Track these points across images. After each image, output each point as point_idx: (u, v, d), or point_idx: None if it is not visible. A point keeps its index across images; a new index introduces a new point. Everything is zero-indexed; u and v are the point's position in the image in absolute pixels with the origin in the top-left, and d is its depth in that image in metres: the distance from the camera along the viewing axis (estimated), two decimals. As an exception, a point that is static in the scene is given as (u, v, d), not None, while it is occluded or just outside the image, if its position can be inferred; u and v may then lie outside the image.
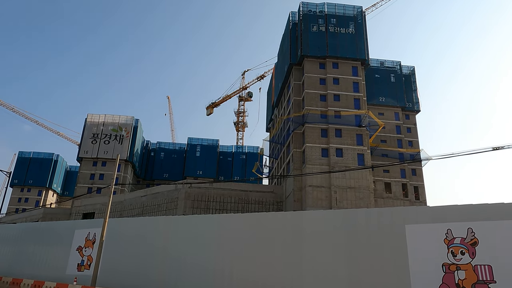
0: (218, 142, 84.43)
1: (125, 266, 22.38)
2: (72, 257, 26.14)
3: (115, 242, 22.95)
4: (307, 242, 17.73)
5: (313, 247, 17.55)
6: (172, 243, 21.60)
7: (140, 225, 23.85)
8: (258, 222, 19.79)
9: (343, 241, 17.02)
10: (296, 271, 17.42)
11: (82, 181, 69.79)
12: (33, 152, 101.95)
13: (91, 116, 74.10)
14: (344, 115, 45.04)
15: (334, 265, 16.87)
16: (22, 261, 29.13)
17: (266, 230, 19.03)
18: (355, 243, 16.70)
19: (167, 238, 21.99)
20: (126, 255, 22.65)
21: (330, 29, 49.31)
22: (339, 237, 17.19)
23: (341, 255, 16.89)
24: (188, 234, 21.22)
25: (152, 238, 22.43)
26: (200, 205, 48.98)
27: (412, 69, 65.97)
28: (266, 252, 18.48)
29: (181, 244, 21.17)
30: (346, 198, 41.63)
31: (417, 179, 58.59)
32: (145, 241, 22.48)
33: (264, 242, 18.70)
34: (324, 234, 17.55)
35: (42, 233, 29.37)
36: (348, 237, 16.99)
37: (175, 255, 21.15)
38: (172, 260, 21.11)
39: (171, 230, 22.30)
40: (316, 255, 17.34)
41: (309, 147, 43.90)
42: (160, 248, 21.89)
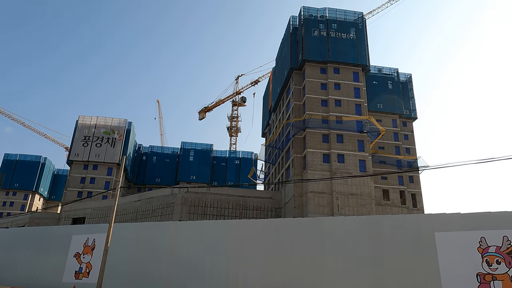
0: (212, 147, 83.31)
1: (129, 273, 21.17)
2: (69, 264, 24.73)
3: (118, 248, 21.70)
4: (328, 249, 16.88)
5: (334, 254, 16.71)
6: (180, 249, 20.52)
7: (146, 230, 22.67)
8: (274, 228, 18.88)
9: (367, 248, 16.22)
10: (317, 280, 16.55)
11: (72, 185, 67.67)
12: (20, 154, 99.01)
13: (82, 118, 72.19)
14: (346, 120, 44.57)
15: (357, 273, 16.06)
16: (14, 268, 27.56)
17: (283, 236, 18.14)
18: (380, 251, 15.92)
19: (175, 244, 20.89)
20: (131, 262, 21.45)
21: (331, 34, 49.02)
22: (362, 244, 16.39)
23: (365, 263, 16.08)
24: (198, 240, 20.19)
25: (159, 244, 21.30)
26: (197, 210, 47.72)
27: (409, 76, 66.22)
28: (284, 259, 17.57)
29: (190, 251, 20.12)
30: (348, 205, 40.98)
31: (415, 186, 58.39)
32: (151, 247, 21.33)
33: (281, 249, 17.80)
34: (347, 240, 16.74)
35: (36, 238, 27.84)
36: (373, 244, 16.20)
37: (183, 262, 20.07)
38: (180, 267, 20.03)
39: (179, 235, 21.21)
40: (338, 262, 16.51)
41: (310, 152, 43.23)
42: (167, 255, 20.77)
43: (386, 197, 55.29)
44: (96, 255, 24.02)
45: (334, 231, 17.29)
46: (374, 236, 16.32)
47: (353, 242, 16.59)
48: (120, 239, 21.97)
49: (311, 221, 18.91)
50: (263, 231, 19.01)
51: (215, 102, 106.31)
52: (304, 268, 17.05)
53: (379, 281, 15.54)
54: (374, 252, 16.03)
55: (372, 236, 16.35)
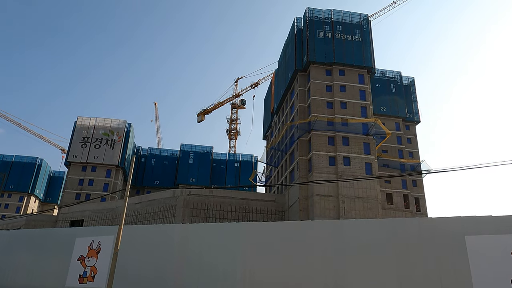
0: (212, 150, 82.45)
1: (138, 277, 20.32)
2: (73, 268, 23.78)
3: (126, 251, 20.84)
4: (351, 253, 16.17)
5: (358, 258, 16.01)
6: (191, 252, 19.71)
7: (155, 232, 21.83)
8: (291, 231, 18.16)
9: (392, 252, 15.55)
10: (339, 284, 15.83)
11: (70, 186, 66.43)
12: (15, 155, 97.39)
13: (81, 119, 71.08)
14: (351, 123, 44.03)
15: (382, 277, 15.37)
16: (13, 271, 26.54)
17: (301, 239, 17.43)
18: (406, 254, 15.25)
19: (186, 247, 20.08)
20: (139, 266, 20.60)
21: (336, 35, 48.61)
22: (387, 248, 15.71)
23: (390, 267, 15.40)
24: (210, 243, 19.40)
25: (169, 247, 20.47)
26: (199, 213, 46.82)
27: (412, 79, 66.02)
28: (302, 264, 16.85)
29: (202, 254, 19.32)
30: (354, 208, 40.34)
31: (418, 190, 57.99)
32: (161, 250, 20.50)
33: (299, 253, 17.08)
34: (370, 244, 16.04)
35: (37, 240, 26.85)
36: (398, 248, 15.52)
37: (195, 265, 19.26)
38: (192, 271, 19.22)
39: (190, 238, 20.40)
40: (361, 266, 15.81)
41: (316, 155, 42.59)
42: (177, 258, 19.96)
43: (390, 201, 54.76)
44: (102, 259, 23.13)
45: (356, 233, 16.59)
46: (399, 239, 15.65)
47: (376, 246, 15.91)
48: (128, 241, 21.13)
49: (331, 223, 18.27)
50: (280, 234, 18.31)
51: (214, 105, 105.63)
52: (324, 272, 16.34)
53: (406, 286, 14.86)
54: (400, 255, 15.36)
55: (397, 239, 15.68)
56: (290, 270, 17.01)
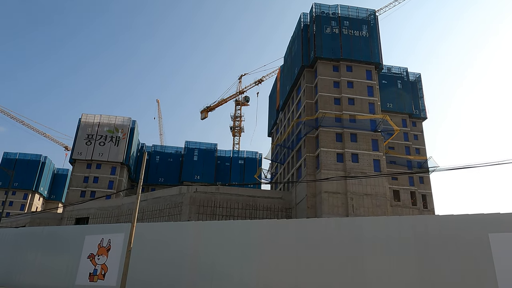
0: (216, 147, 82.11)
1: (149, 275, 20.08)
2: (83, 266, 23.56)
3: (138, 249, 20.58)
4: (369, 251, 15.86)
5: (376, 256, 15.69)
6: (204, 251, 19.44)
7: (167, 230, 21.57)
8: (307, 229, 17.85)
9: (412, 251, 15.22)
10: (358, 284, 15.53)
11: (75, 184, 66.27)
12: (19, 153, 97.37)
13: (85, 116, 70.82)
14: (359, 119, 43.64)
15: (402, 278, 15.06)
16: (22, 269, 26.38)
17: (318, 238, 17.12)
18: (427, 254, 14.93)
19: (199, 245, 19.80)
20: (151, 264, 20.36)
21: (343, 31, 48.13)
22: (407, 246, 15.39)
23: (411, 267, 15.08)
24: (224, 241, 19.13)
25: (181, 245, 20.21)
26: (206, 210, 46.60)
27: (418, 76, 65.48)
28: (319, 262, 16.55)
29: (215, 252, 19.05)
30: (363, 205, 40.02)
31: (425, 187, 57.58)
32: (173, 248, 20.25)
33: (316, 252, 16.78)
34: (389, 243, 15.73)
35: (46, 238, 26.67)
36: (418, 246, 15.19)
37: (207, 264, 19.00)
38: (204, 269, 18.97)
39: (203, 236, 20.11)
40: (380, 265, 15.50)
41: (324, 151, 42.24)
42: (190, 256, 19.70)
43: (397, 198, 54.40)
44: (112, 257, 22.90)
45: (374, 231, 16.27)
46: (419, 237, 15.33)
47: (397, 244, 15.59)
48: (140, 239, 20.87)
49: (349, 221, 17.89)
50: (295, 232, 18.02)
51: (218, 102, 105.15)
52: (342, 271, 16.04)
53: (427, 284, 14.55)
54: (421, 254, 15.05)
55: (417, 237, 15.36)
56: (307, 270, 16.71)
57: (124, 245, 22.23)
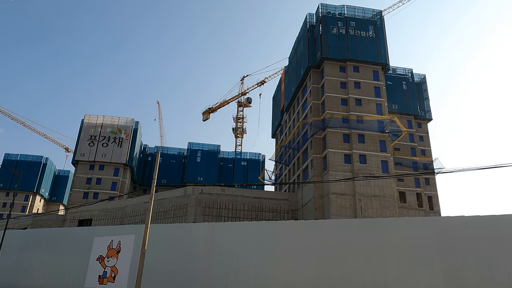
0: (219, 148, 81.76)
1: (163, 277, 19.72)
2: (92, 268, 23.22)
3: (151, 250, 20.19)
4: (390, 253, 15.50)
5: (399, 259, 15.33)
6: (218, 253, 19.08)
7: (179, 231, 21.21)
8: (328, 229, 17.50)
9: (437, 252, 14.86)
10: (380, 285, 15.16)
11: (77, 185, 65.78)
12: (20, 154, 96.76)
13: (88, 117, 70.40)
14: (367, 120, 43.30)
15: (425, 280, 14.69)
16: (29, 271, 25.98)
17: (336, 238, 16.77)
18: (452, 255, 14.57)
19: (212, 247, 19.43)
20: (164, 265, 20.01)
21: (350, 32, 47.86)
22: (430, 247, 15.03)
23: (435, 268, 14.71)
24: (238, 243, 18.77)
25: (194, 246, 19.86)
26: (211, 212, 46.15)
27: (423, 77, 65.24)
28: (339, 264, 16.18)
29: (230, 254, 18.69)
30: (371, 207, 39.65)
31: (431, 189, 57.25)
32: (186, 250, 19.90)
33: (334, 252, 16.42)
34: (412, 243, 15.37)
35: (53, 240, 26.31)
36: (443, 247, 14.83)
37: (222, 266, 18.63)
38: (219, 271, 18.61)
39: (216, 237, 19.74)
40: (403, 266, 15.14)
41: (331, 152, 41.89)
42: (204, 258, 19.34)
43: (403, 199, 54.04)
44: (122, 259, 22.54)
45: (397, 232, 15.93)
46: (444, 238, 14.97)
47: (420, 244, 15.23)
48: (152, 240, 20.47)
49: (370, 222, 17.56)
50: (313, 233, 17.66)
51: (220, 103, 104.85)
52: (363, 272, 15.66)
53: (452, 286, 14.18)
54: (445, 255, 14.69)
55: (442, 238, 15.00)
56: (326, 271, 16.33)
57: (135, 247, 21.86)
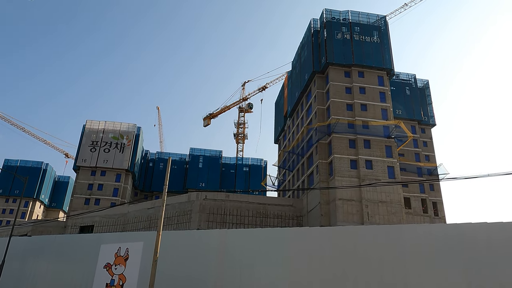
0: (221, 154, 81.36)
1: (174, 285, 19.23)
2: (99, 276, 22.67)
3: (161, 258, 19.72)
4: (411, 262, 15.09)
5: (419, 267, 14.93)
6: (231, 261, 18.64)
7: (190, 239, 20.72)
8: (345, 236, 17.09)
9: (459, 260, 14.47)
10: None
11: (79, 191, 65.17)
12: (20, 160, 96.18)
13: (90, 122, 69.99)
14: (372, 125, 43.05)
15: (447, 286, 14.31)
16: (33, 280, 25.39)
17: (353, 246, 16.37)
18: (475, 263, 14.19)
19: (225, 254, 18.98)
20: (175, 273, 19.52)
21: (354, 37, 47.80)
22: (452, 255, 14.64)
23: (457, 277, 14.32)
24: (251, 250, 18.35)
25: (206, 254, 19.40)
26: (216, 218, 45.66)
27: (426, 82, 65.21)
28: (356, 272, 15.77)
29: (242, 262, 18.25)
30: (378, 213, 39.24)
31: (435, 195, 56.89)
32: (198, 257, 19.42)
33: (355, 260, 16.01)
34: (433, 251, 14.99)
35: (59, 247, 25.75)
36: (466, 255, 14.44)
37: (234, 275, 18.17)
38: (231, 280, 18.14)
39: (228, 245, 19.30)
40: (423, 276, 14.74)
41: (337, 158, 41.56)
42: (215, 266, 18.89)
43: (408, 205, 53.62)
44: (131, 266, 22.04)
45: (416, 240, 15.53)
46: (467, 245, 14.58)
47: (441, 252, 14.83)
48: (162, 248, 20.03)
49: (388, 228, 17.16)
50: (326, 240, 17.26)
51: (221, 109, 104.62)
52: (381, 281, 15.25)
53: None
54: (468, 263, 14.30)
55: (465, 245, 14.61)
56: (343, 280, 15.92)
57: (144, 254, 21.40)
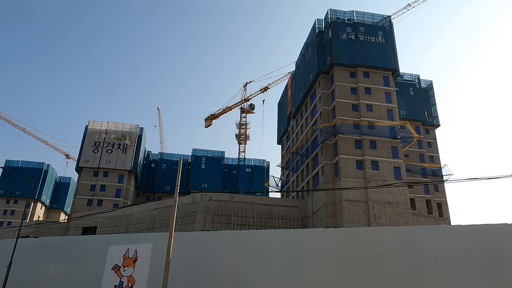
0: (224, 154, 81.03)
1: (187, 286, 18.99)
2: (107, 278, 22.45)
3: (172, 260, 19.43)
4: (430, 265, 14.86)
5: (438, 270, 14.70)
6: (243, 262, 18.42)
7: (201, 240, 20.51)
8: (360, 237, 16.87)
9: (481, 263, 14.25)
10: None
11: (81, 192, 64.81)
12: (22, 161, 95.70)
13: (92, 123, 69.67)
14: (378, 126, 42.83)
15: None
16: (39, 282, 25.13)
17: (372, 246, 16.15)
18: (498, 266, 13.97)
19: (237, 256, 18.77)
20: (186, 275, 19.28)
21: (359, 37, 47.61)
22: (473, 258, 14.42)
23: (478, 282, 14.09)
24: (266, 251, 18.14)
25: (218, 256, 19.18)
26: (220, 219, 45.37)
27: (430, 83, 65.06)
28: (372, 274, 15.54)
29: (255, 264, 18.02)
30: (384, 214, 39.01)
31: (440, 195, 56.70)
32: (209, 259, 19.21)
33: (370, 261, 15.79)
34: (452, 253, 14.77)
35: (66, 249, 25.53)
36: (488, 258, 14.22)
37: (247, 276, 17.95)
38: (243, 282, 17.92)
39: (240, 246, 19.07)
40: (443, 280, 14.51)
41: (343, 158, 41.33)
42: (228, 267, 18.67)
43: (413, 206, 53.39)
44: (140, 268, 21.82)
45: (436, 242, 15.31)
46: (488, 248, 14.37)
47: (460, 254, 14.61)
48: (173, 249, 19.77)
49: (406, 230, 16.95)
50: (341, 241, 17.05)
51: (222, 109, 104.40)
52: (399, 284, 15.02)
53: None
54: (490, 266, 14.08)
55: (486, 248, 14.39)
56: (359, 281, 15.70)
57: (153, 256, 21.20)
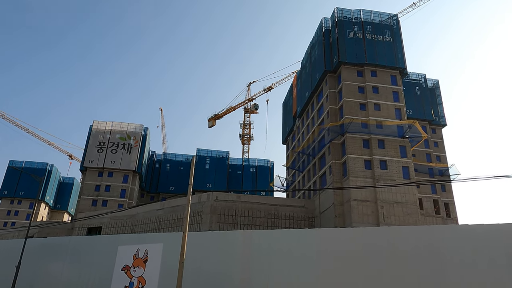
0: (228, 154, 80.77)
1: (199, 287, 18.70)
2: (117, 278, 22.15)
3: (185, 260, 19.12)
4: (450, 265, 14.52)
5: (458, 271, 14.36)
6: (257, 262, 18.12)
7: (213, 240, 20.20)
8: (375, 237, 16.54)
9: (504, 264, 13.90)
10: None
11: (86, 192, 64.63)
12: (25, 161, 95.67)
13: (97, 123, 69.52)
14: (386, 125, 42.47)
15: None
16: (47, 283, 24.86)
17: (388, 246, 15.82)
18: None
19: (250, 256, 18.47)
20: (199, 276, 18.99)
21: (367, 36, 47.27)
22: (496, 258, 14.07)
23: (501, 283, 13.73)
24: (279, 252, 17.83)
25: (230, 256, 18.89)
26: (227, 219, 45.08)
27: (436, 82, 64.64)
28: (390, 273, 15.21)
29: (270, 264, 17.71)
30: (393, 214, 38.64)
31: (447, 195, 56.27)
32: (222, 259, 18.92)
33: (387, 261, 15.45)
34: (474, 254, 14.42)
35: (75, 249, 25.25)
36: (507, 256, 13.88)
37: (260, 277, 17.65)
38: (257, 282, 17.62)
39: (254, 246, 18.76)
40: (463, 281, 14.17)
41: (351, 158, 40.98)
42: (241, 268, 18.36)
43: (420, 206, 52.94)
44: (150, 268, 21.52)
45: (455, 242, 14.96)
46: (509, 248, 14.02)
47: (483, 255, 14.25)
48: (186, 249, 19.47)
49: (423, 229, 16.60)
50: (362, 241, 16.71)
51: (226, 110, 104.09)
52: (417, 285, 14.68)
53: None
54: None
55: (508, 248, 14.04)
56: (375, 282, 15.35)
57: (164, 256, 20.92)
